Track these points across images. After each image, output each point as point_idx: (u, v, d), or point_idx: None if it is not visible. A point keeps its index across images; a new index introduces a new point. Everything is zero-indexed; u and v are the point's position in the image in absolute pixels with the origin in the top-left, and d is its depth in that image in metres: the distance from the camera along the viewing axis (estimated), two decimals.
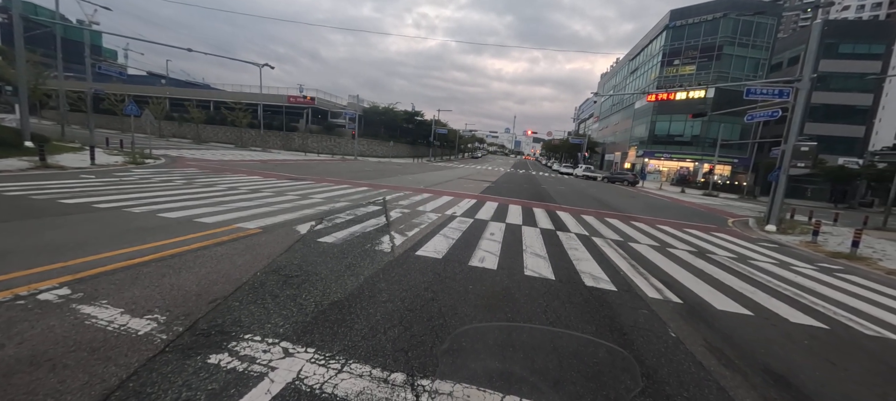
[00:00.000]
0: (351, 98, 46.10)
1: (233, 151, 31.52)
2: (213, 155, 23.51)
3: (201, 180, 11.54)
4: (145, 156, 17.27)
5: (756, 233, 12.35)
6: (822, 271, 7.48)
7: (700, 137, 44.78)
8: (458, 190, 15.84)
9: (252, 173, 14.95)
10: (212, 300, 3.48)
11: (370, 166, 27.17)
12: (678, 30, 46.20)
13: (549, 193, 18.51)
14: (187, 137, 44.04)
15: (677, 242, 8.93)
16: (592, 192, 23.25)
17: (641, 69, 55.83)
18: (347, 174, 18.55)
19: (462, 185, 18.67)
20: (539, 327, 3.58)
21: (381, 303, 3.78)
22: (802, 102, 12.56)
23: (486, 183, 21.11)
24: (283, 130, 43.52)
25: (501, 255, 6.03)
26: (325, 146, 44.06)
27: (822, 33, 13.02)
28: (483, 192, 16.16)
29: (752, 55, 43.39)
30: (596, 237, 8.37)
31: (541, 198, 16.00)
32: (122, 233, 5.36)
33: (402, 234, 6.82)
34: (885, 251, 10.02)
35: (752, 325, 4.27)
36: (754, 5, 43.69)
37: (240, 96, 44.40)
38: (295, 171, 17.86)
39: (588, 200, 17.73)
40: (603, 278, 5.33)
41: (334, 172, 18.92)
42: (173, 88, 53.95)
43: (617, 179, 39.21)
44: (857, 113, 44.54)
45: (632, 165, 51.40)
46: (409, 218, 8.42)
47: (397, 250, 5.71)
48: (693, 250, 8.16)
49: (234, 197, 8.99)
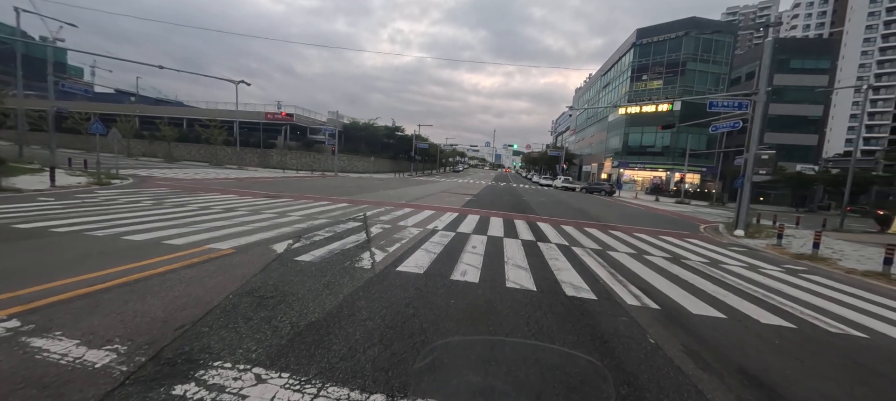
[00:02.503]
0: (330, 114, 45.80)
1: (207, 169, 30.51)
2: (186, 174, 22.68)
3: (172, 200, 11.07)
4: (112, 176, 16.47)
5: (726, 238, 12.88)
6: (788, 273, 7.85)
7: (670, 148, 46.84)
8: (440, 204, 15.84)
9: (226, 192, 14.48)
10: (179, 326, 3.29)
11: (351, 182, 26.86)
12: (645, 47, 48.71)
13: (529, 205, 18.78)
14: (158, 155, 42.42)
15: (653, 250, 9.19)
16: (572, 202, 23.75)
17: (613, 84, 58.30)
18: (327, 191, 18.25)
19: (444, 199, 18.69)
20: (521, 341, 3.56)
21: (360, 321, 3.68)
22: (760, 113, 13.39)
23: (467, 196, 21.22)
24: (260, 147, 42.60)
25: (483, 267, 6.02)
26: (304, 163, 43.34)
27: (774, 50, 14.02)
28: (465, 205, 16.22)
29: (713, 70, 46.16)
30: (576, 247, 8.51)
31: (522, 210, 16.20)
32: (81, 258, 5.04)
33: (383, 249, 6.72)
34: (844, 252, 10.65)
35: (726, 327, 4.40)
36: (712, 25, 46.75)
37: (214, 113, 43.32)
38: (272, 188, 17.43)
39: (568, 210, 18.08)
40: (583, 288, 5.39)
41: (313, 189, 18.58)
42: (143, 106, 52.11)
43: (595, 189, 40.30)
44: (809, 123, 47.86)
45: (608, 176, 53.02)
46: (390, 233, 8.32)
47: (378, 267, 5.60)
48: (668, 257, 8.41)
49: (207, 217, 8.65)
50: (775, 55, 49.59)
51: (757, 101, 13.37)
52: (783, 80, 46.91)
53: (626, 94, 50.55)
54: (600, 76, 66.66)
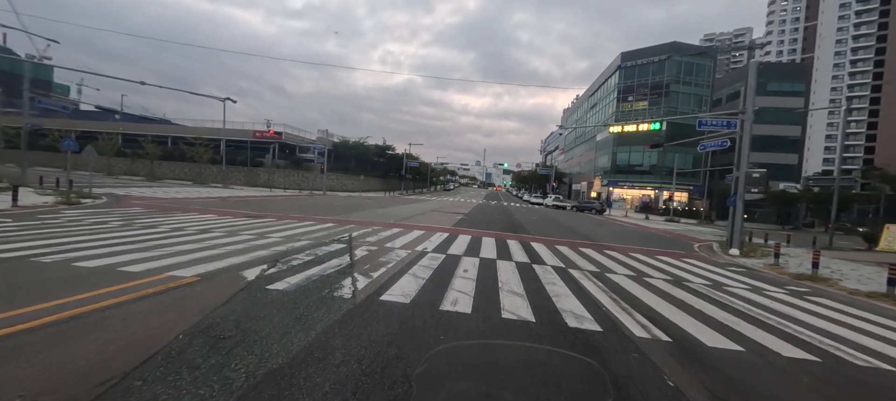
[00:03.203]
0: (320, 132, 45.36)
1: (190, 188, 29.52)
2: (166, 193, 21.77)
3: (142, 221, 10.33)
4: (83, 195, 15.57)
5: (721, 257, 12.63)
6: (793, 295, 7.51)
7: (658, 166, 47.54)
8: (430, 223, 15.34)
9: (206, 211, 13.74)
10: (105, 380, 2.69)
11: (339, 201, 26.21)
12: (630, 70, 50.11)
13: (521, 224, 18.40)
14: (140, 174, 41.14)
15: (652, 271, 8.81)
16: (563, 221, 23.49)
17: (600, 105, 59.58)
18: (314, 210, 17.59)
19: (434, 218, 18.20)
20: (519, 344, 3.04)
21: (332, 367, 3.12)
22: (748, 131, 13.44)
23: (458, 215, 20.78)
24: (248, 166, 41.73)
25: (476, 295, 5.50)
26: (292, 181, 42.54)
27: (758, 71, 14.23)
28: (456, 224, 15.74)
29: (695, 92, 47.57)
30: (573, 269, 8.06)
31: (514, 229, 15.79)
32: (12, 289, 4.37)
33: (367, 275, 6.16)
34: (842, 271, 10.44)
35: (747, 363, 3.95)
36: (692, 49, 48.48)
37: (200, 131, 42.52)
38: (256, 207, 16.71)
39: (560, 229, 17.74)
40: (586, 317, 4.91)
41: (299, 208, 17.91)
42: (127, 123, 50.99)
43: (585, 207, 40.33)
44: (789, 143, 49.39)
45: (598, 194, 53.37)
46: (376, 256, 7.76)
47: (359, 296, 5.04)
48: (669, 279, 8.02)
49: (177, 239, 7.98)
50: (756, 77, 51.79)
51: (744, 119, 13.43)
52: (761, 103, 48.28)
53: (613, 114, 51.58)
54: (588, 97, 68.21)
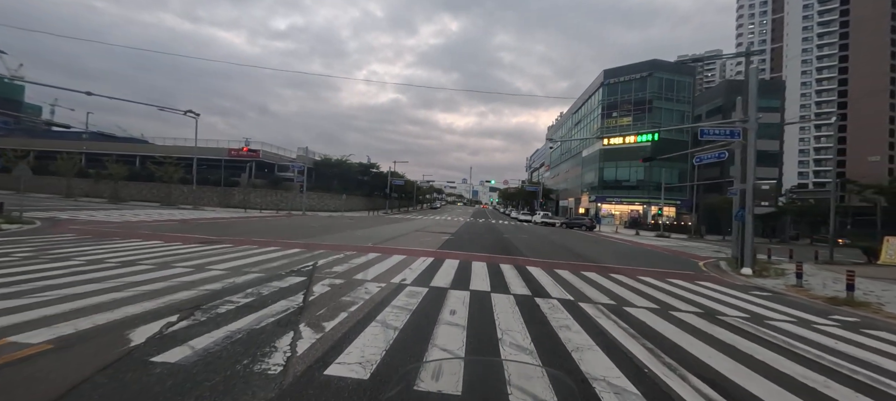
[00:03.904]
0: (300, 150, 43.55)
1: (155, 210, 27.14)
2: (122, 216, 19.55)
3: (60, 252, 8.44)
4: (12, 219, 13.42)
5: (735, 277, 11.47)
6: (847, 328, 6.26)
7: (645, 182, 47.44)
8: (414, 246, 13.78)
9: (153, 237, 11.84)
10: None
11: (317, 222, 24.38)
12: (612, 87, 50.64)
13: (513, 244, 17.02)
14: (104, 195, 38.21)
15: (674, 301, 7.47)
16: (555, 239, 22.27)
17: (585, 121, 59.97)
18: (283, 233, 15.80)
19: (419, 239, 16.65)
20: None
21: None
22: (753, 141, 12.61)
23: (445, 235, 19.28)
24: (221, 186, 39.38)
25: (468, 355, 3.98)
26: (269, 202, 40.33)
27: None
28: (442, 246, 14.23)
29: (678, 108, 48.23)
30: (583, 303, 6.63)
31: (506, 250, 14.38)
32: None
33: (318, 327, 4.55)
34: (876, 293, 9.35)
35: None
36: (671, 66, 49.46)
37: (171, 150, 40.13)
38: (217, 231, 14.82)
39: (554, 248, 16.44)
40: (629, 391, 3.43)
41: (267, 231, 16.08)
42: (93, 142, 48.07)
43: (575, 224, 39.44)
44: (769, 157, 50.29)
45: (586, 210, 52.85)
46: (339, 294, 6.16)
47: (295, 366, 3.42)
48: (699, 312, 6.68)
49: (79, 278, 6.19)
50: (730, 95, 53.00)
51: (748, 128, 12.61)
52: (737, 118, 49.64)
53: (598, 130, 51.73)
54: (572, 114, 68.85)
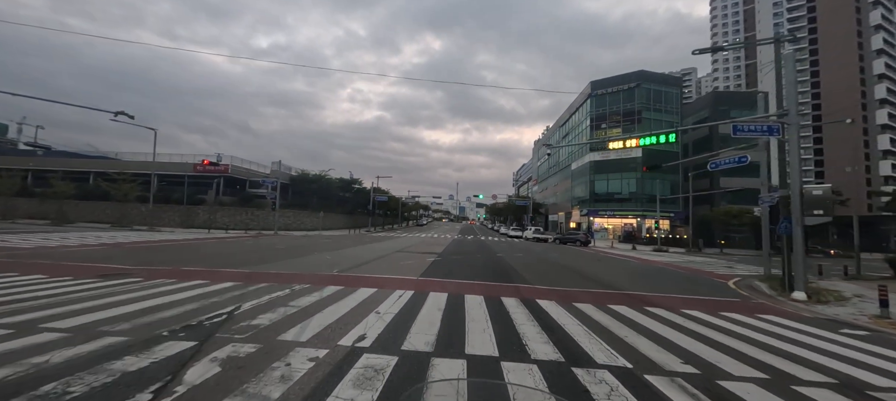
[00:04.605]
0: (274, 164, 40.41)
1: (106, 232, 23.55)
2: (47, 240, 16.17)
3: None
4: None
5: (796, 306, 9.21)
6: None
7: (637, 194, 46.07)
8: (390, 272, 11.11)
9: (56, 272, 8.81)
10: None
11: (286, 243, 21.39)
12: (600, 98, 49.79)
13: (511, 266, 14.53)
14: (49, 216, 34.03)
15: (768, 355, 5.05)
16: (554, 257, 19.94)
17: (573, 133, 58.93)
18: (233, 258, 12.87)
19: (398, 262, 13.98)
20: None
21: None
22: (796, 138, 10.66)
23: (431, 256, 16.67)
24: (184, 204, 35.77)
25: None
26: (239, 221, 36.87)
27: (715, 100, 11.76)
28: (425, 271, 11.62)
29: (666, 119, 47.56)
30: (652, 375, 4.12)
31: (505, 274, 11.87)
32: None
33: None
34: None
35: None
36: (659, 77, 49.02)
37: (127, 165, 36.51)
38: (145, 259, 11.80)
39: (558, 270, 14.04)
40: None
41: (215, 257, 13.11)
42: (41, 158, 43.77)
43: (568, 239, 37.37)
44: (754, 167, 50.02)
45: (577, 225, 51.06)
46: (231, 382, 3.49)
47: None
48: (831, 383, 4.27)
49: None
50: (717, 105, 53.00)
51: (789, 123, 10.67)
52: (727, 129, 49.31)
53: (587, 142, 50.54)
54: (559, 127, 68.00)
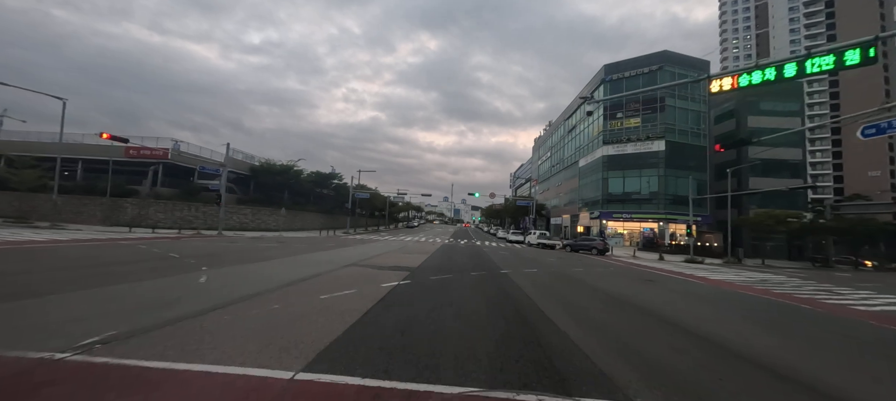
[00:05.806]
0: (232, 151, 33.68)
1: None
2: None
3: None
4: None
5: None
6: None
7: (659, 193, 39.96)
8: (296, 302, 4.57)
9: None
10: None
11: (219, 248, 14.82)
12: (615, 83, 43.80)
13: (522, 291, 8.08)
14: None
15: None
16: (579, 274, 13.56)
17: (580, 126, 52.85)
18: (92, 279, 6.27)
19: (357, 277, 7.42)
20: None
21: None
22: None
23: (396, 275, 10.16)
24: (108, 196, 28.91)
25: None
26: (180, 218, 30.11)
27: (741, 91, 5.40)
28: (369, 310, 5.10)
29: (693, 108, 41.67)
30: None
31: (520, 315, 5.40)
32: None
33: None
34: None
35: None
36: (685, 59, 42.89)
37: (33, 147, 29.64)
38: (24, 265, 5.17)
39: (606, 304, 7.62)
40: None
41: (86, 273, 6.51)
42: None
43: (582, 247, 31.08)
44: (790, 167, 44.16)
45: (587, 228, 44.82)
46: None
47: None
48: None
49: None
50: (745, 97, 47.09)
51: None
52: (756, 123, 43.49)
53: (600, 134, 44.45)
54: (564, 120, 61.90)
